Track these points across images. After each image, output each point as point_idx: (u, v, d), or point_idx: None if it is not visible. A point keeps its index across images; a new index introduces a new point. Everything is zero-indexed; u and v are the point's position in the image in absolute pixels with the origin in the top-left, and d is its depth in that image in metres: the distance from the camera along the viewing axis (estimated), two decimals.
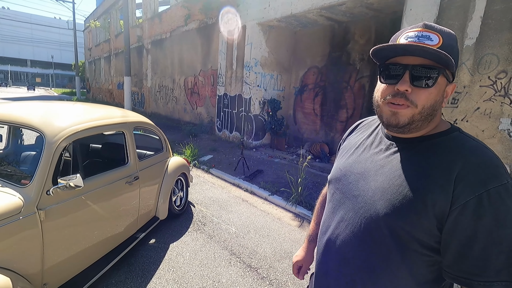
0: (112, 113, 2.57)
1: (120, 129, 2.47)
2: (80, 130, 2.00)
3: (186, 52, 11.15)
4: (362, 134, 0.95)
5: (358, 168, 0.85)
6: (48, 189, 1.74)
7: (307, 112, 7.92)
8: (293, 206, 4.20)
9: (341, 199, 0.87)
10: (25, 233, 1.62)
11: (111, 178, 2.28)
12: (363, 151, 0.88)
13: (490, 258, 0.62)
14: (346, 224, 0.82)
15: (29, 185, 1.69)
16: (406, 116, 0.70)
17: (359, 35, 6.56)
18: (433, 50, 0.65)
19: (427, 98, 0.69)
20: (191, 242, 2.98)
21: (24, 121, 1.90)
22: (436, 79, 0.69)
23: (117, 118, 2.50)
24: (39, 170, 1.73)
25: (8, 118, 1.96)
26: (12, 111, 2.04)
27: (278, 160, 6.97)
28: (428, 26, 0.70)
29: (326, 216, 0.93)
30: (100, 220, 2.18)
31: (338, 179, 0.91)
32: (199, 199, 4.31)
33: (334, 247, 0.85)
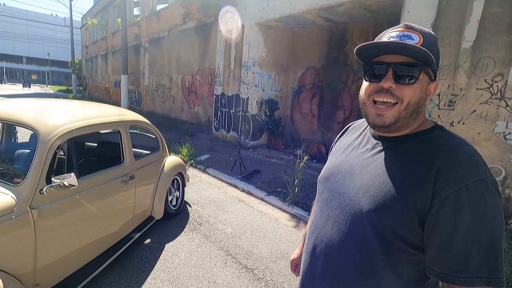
0: (108, 111, 2.54)
1: (116, 128, 2.45)
2: (75, 128, 1.97)
3: (184, 51, 11.10)
4: (351, 135, 0.97)
5: (345, 167, 0.87)
6: (42, 188, 1.71)
7: (305, 113, 7.92)
8: (290, 207, 4.19)
9: (328, 198, 0.88)
10: (17, 232, 1.59)
11: (106, 177, 2.25)
12: (351, 151, 0.90)
13: (470, 254, 0.63)
14: (333, 222, 0.83)
15: (22, 183, 1.66)
16: (392, 116, 0.73)
17: (357, 36, 6.58)
18: (414, 47, 0.67)
19: (412, 94, 0.71)
20: (186, 242, 2.96)
21: (18, 119, 1.86)
22: (418, 75, 0.71)
23: (113, 116, 2.47)
24: (33, 169, 1.70)
25: (1, 115, 1.93)
26: (6, 108, 2.01)
27: (275, 160, 6.96)
28: (409, 26, 0.73)
29: (315, 215, 0.94)
30: (94, 220, 2.15)
31: (326, 178, 0.92)
32: (196, 199, 4.28)
33: (321, 245, 0.85)
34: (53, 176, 1.76)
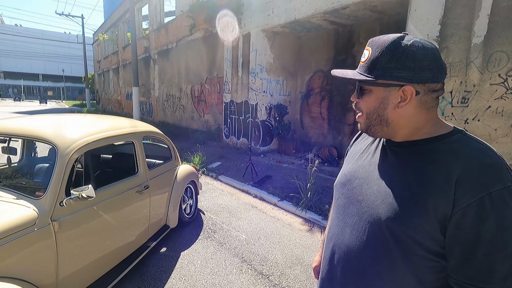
0: (121, 123, 2.62)
1: (130, 139, 2.51)
2: (91, 142, 2.04)
3: (192, 60, 11.31)
4: (367, 139, 0.96)
5: (362, 172, 0.86)
6: (62, 200, 1.77)
7: (314, 116, 7.90)
8: (303, 211, 4.16)
9: (345, 204, 0.87)
10: (39, 244, 1.65)
11: (121, 188, 2.31)
12: (367, 156, 0.89)
13: (494, 264, 0.61)
14: (351, 229, 0.82)
15: (43, 197, 1.73)
16: (363, 124, 0.81)
17: (364, 37, 6.54)
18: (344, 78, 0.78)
19: (366, 106, 0.79)
20: (201, 250, 2.98)
21: (37, 134, 1.95)
22: (363, 90, 0.78)
23: (127, 128, 2.55)
24: (53, 182, 1.76)
25: (22, 131, 2.02)
26: (25, 124, 2.10)
27: (286, 165, 6.95)
28: (368, 43, 0.79)
29: (332, 222, 0.93)
30: (112, 230, 2.20)
31: (343, 184, 0.92)
32: (209, 206, 4.31)
33: (340, 252, 0.84)
34: (72, 188, 1.83)
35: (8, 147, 2.32)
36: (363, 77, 0.75)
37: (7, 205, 1.65)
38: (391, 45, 0.71)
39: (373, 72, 0.73)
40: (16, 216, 1.58)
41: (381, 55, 0.72)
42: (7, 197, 1.72)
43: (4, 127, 2.05)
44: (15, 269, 1.53)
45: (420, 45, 0.70)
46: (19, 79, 51.87)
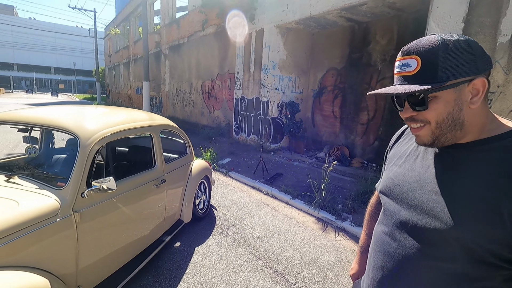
0: (139, 116, 2.60)
1: (148, 132, 2.49)
2: (112, 133, 2.02)
3: (203, 56, 11.28)
4: (411, 140, 0.90)
5: (413, 176, 0.80)
6: (83, 191, 1.76)
7: (326, 115, 7.79)
8: (316, 211, 4.10)
9: (395, 210, 0.82)
10: (61, 234, 1.63)
11: (140, 181, 2.29)
12: (416, 158, 0.83)
13: None
14: (404, 237, 0.77)
15: (65, 187, 1.72)
16: (427, 135, 0.72)
17: (380, 35, 6.41)
18: (404, 93, 0.69)
19: (436, 114, 0.70)
20: (216, 246, 2.95)
21: (59, 124, 1.93)
22: (427, 100, 0.70)
23: (145, 121, 2.52)
24: (74, 173, 1.75)
25: (44, 121, 2.01)
26: (47, 114, 2.09)
27: (297, 163, 6.88)
28: (405, 52, 0.72)
29: (379, 229, 0.88)
30: (129, 223, 2.19)
31: (390, 189, 0.86)
32: (221, 202, 4.29)
33: (392, 261, 0.79)
34: (92, 180, 1.81)
35: (29, 136, 2.32)
36: (426, 86, 0.67)
37: (30, 195, 1.64)
38: (442, 44, 0.67)
39: (436, 76, 0.67)
40: (39, 206, 1.57)
41: (437, 57, 0.67)
42: (30, 186, 1.71)
43: (26, 116, 2.04)
44: (37, 259, 1.52)
45: (463, 38, 0.68)
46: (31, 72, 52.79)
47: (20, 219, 1.45)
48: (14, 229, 1.41)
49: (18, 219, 1.44)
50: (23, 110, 2.18)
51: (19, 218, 1.45)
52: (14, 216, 1.44)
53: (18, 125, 2.04)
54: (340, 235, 3.52)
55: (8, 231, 1.38)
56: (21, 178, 1.79)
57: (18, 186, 1.70)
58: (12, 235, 1.40)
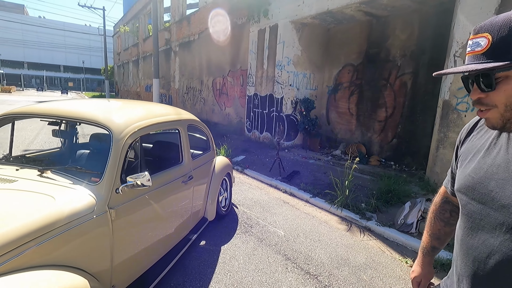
0: (166, 110, 2.51)
1: (176, 127, 2.40)
2: (143, 127, 1.94)
3: (214, 53, 11.20)
4: (487, 133, 0.81)
5: (499, 172, 0.71)
6: (117, 187, 1.68)
7: (342, 112, 7.64)
8: (339, 210, 3.98)
9: (482, 212, 0.72)
10: (97, 232, 1.56)
11: (169, 177, 2.21)
12: (499, 151, 0.73)
13: None
14: (499, 241, 0.67)
15: (99, 182, 1.64)
16: (496, 118, 0.69)
17: (400, 30, 6.22)
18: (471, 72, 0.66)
19: (506, 96, 0.66)
20: (241, 245, 2.86)
21: (91, 118, 1.85)
22: (496, 80, 0.66)
23: (173, 115, 2.44)
24: (108, 168, 1.67)
25: (74, 114, 1.93)
26: (77, 108, 2.02)
27: (312, 161, 6.75)
28: (476, 30, 0.69)
29: (463, 233, 0.78)
30: (160, 220, 2.11)
31: (471, 188, 0.76)
32: (240, 200, 4.20)
33: (486, 269, 0.70)
34: (124, 175, 1.73)
35: (59, 130, 2.25)
36: (497, 63, 0.62)
37: (64, 190, 1.56)
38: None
39: (508, 54, 0.62)
40: (76, 201, 1.49)
41: (510, 34, 0.63)
42: (63, 181, 1.64)
43: (56, 109, 1.97)
44: (73, 258, 1.45)
45: None
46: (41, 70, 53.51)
47: (58, 216, 1.37)
48: (52, 226, 1.33)
49: (57, 216, 1.36)
50: (53, 103, 2.11)
51: (57, 214, 1.37)
52: (52, 212, 1.37)
53: (48, 118, 1.97)
54: (366, 235, 3.40)
55: (47, 228, 1.31)
56: (54, 172, 1.72)
57: (52, 181, 1.63)
58: (50, 233, 1.32)
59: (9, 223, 1.25)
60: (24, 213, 1.32)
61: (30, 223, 1.28)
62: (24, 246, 1.23)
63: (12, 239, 1.20)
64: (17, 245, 1.21)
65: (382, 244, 3.21)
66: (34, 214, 1.32)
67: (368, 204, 4.12)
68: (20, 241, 1.22)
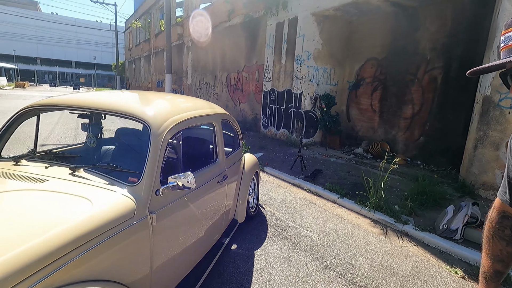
0: (200, 103, 2.31)
1: (211, 121, 2.20)
2: (182, 120, 1.74)
3: (229, 47, 10.97)
4: None
5: None
6: (157, 188, 1.49)
7: (363, 108, 7.33)
8: (371, 212, 3.74)
9: None
10: (137, 240, 1.37)
11: (206, 177, 2.01)
12: None
13: None
14: None
15: (138, 183, 1.45)
16: None
17: (431, 21, 5.87)
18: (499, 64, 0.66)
19: None
20: (275, 250, 2.66)
21: (125, 110, 1.66)
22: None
23: (208, 109, 2.24)
24: (148, 166, 1.47)
25: (105, 106, 1.74)
26: (107, 100, 1.83)
27: (334, 159, 6.50)
28: (507, 25, 0.69)
29: None
30: (197, 223, 1.92)
31: None
32: (265, 200, 4.00)
33: None
34: (162, 175, 1.53)
35: (90, 124, 2.08)
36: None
37: (100, 191, 1.38)
38: None
39: None
40: (115, 205, 1.30)
41: None
42: (98, 181, 1.46)
43: (87, 100, 1.79)
44: (111, 270, 1.26)
45: None
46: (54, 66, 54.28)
47: (98, 222, 1.18)
48: (92, 235, 1.15)
49: (97, 222, 1.18)
50: (82, 94, 1.93)
51: (97, 221, 1.18)
52: (92, 218, 1.18)
53: (77, 110, 1.79)
54: (404, 240, 3.16)
55: (87, 237, 1.12)
56: (87, 171, 1.54)
57: (86, 181, 1.45)
58: (90, 242, 1.13)
59: (49, 229, 1.06)
60: (62, 219, 1.14)
61: (70, 230, 1.09)
62: (64, 258, 1.04)
63: (54, 248, 1.01)
64: (58, 256, 1.02)
65: (424, 251, 2.96)
66: (73, 220, 1.14)
67: (403, 206, 3.86)
68: (61, 251, 1.03)
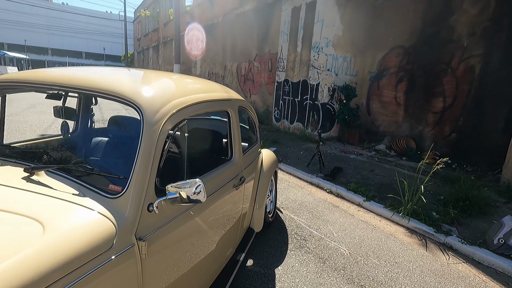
0: (212, 85, 1.82)
1: (226, 108, 1.71)
2: (188, 105, 1.26)
3: (239, 36, 10.41)
4: None
5: None
6: (151, 201, 1.01)
7: (386, 101, 6.72)
8: (404, 219, 3.22)
9: None
10: (117, 280, 0.90)
11: (218, 181, 1.53)
12: None
13: None
14: None
15: (122, 194, 0.98)
16: None
17: (470, 3, 5.20)
18: None
19: None
20: (300, 268, 2.18)
21: (109, 88, 1.19)
22: None
23: (222, 92, 1.75)
24: (137, 169, 1.00)
25: (84, 83, 1.27)
26: (90, 75, 1.36)
27: (353, 156, 5.95)
28: None
29: None
30: (205, 242, 1.45)
31: None
32: (282, 201, 3.53)
33: None
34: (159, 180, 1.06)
35: (63, 107, 1.60)
36: None
37: (62, 207, 0.91)
38: None
39: None
40: (81, 233, 0.83)
41: None
42: (63, 189, 0.99)
43: (61, 76, 1.32)
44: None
45: None
46: (64, 56, 54.47)
47: (46, 262, 0.72)
48: (39, 285, 0.68)
49: (43, 263, 0.71)
50: (57, 68, 1.46)
51: (44, 260, 0.72)
52: (35, 257, 0.72)
53: (48, 87, 1.31)
54: (450, 256, 2.65)
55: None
56: (50, 174, 1.07)
57: (44, 189, 0.98)
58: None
59: None
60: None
61: None
62: None
63: None
64: None
65: (477, 270, 2.44)
66: (7, 261, 0.68)
67: (442, 213, 3.33)
68: None
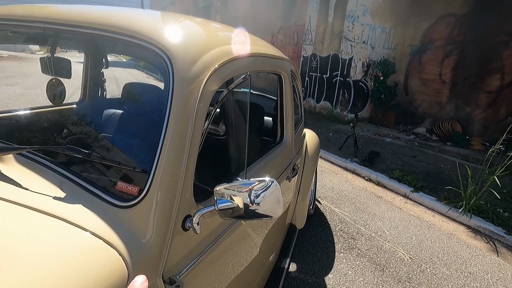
0: (256, 39, 1.34)
1: (278, 70, 1.24)
2: (234, 57, 0.79)
3: (262, 6, 9.61)
4: None
5: None
6: (189, 213, 0.59)
7: (429, 79, 5.97)
8: (465, 216, 2.73)
9: None
10: None
11: (270, 173, 1.09)
12: None
13: None
14: None
15: (141, 200, 0.55)
16: None
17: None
18: None
19: None
20: (355, 277, 1.78)
21: (120, 25, 0.74)
22: None
23: (270, 48, 1.27)
24: (167, 155, 0.57)
25: (82, 18, 0.82)
26: (100, 13, 0.90)
27: (389, 139, 5.38)
28: None
29: None
30: (248, 253, 1.04)
31: None
32: (318, 189, 3.10)
33: None
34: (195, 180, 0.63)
35: (52, 57, 1.11)
36: None
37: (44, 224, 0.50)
38: None
39: None
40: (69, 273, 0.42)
41: None
42: (41, 191, 0.58)
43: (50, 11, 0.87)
44: None
45: None
46: None
47: None
48: None
49: None
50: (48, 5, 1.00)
51: None
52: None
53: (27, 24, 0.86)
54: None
55: None
56: (23, 163, 0.66)
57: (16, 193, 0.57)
58: None
59: None
60: None
61: None
62: None
63: None
64: None
65: None
66: None
67: (508, 209, 2.81)
68: None
